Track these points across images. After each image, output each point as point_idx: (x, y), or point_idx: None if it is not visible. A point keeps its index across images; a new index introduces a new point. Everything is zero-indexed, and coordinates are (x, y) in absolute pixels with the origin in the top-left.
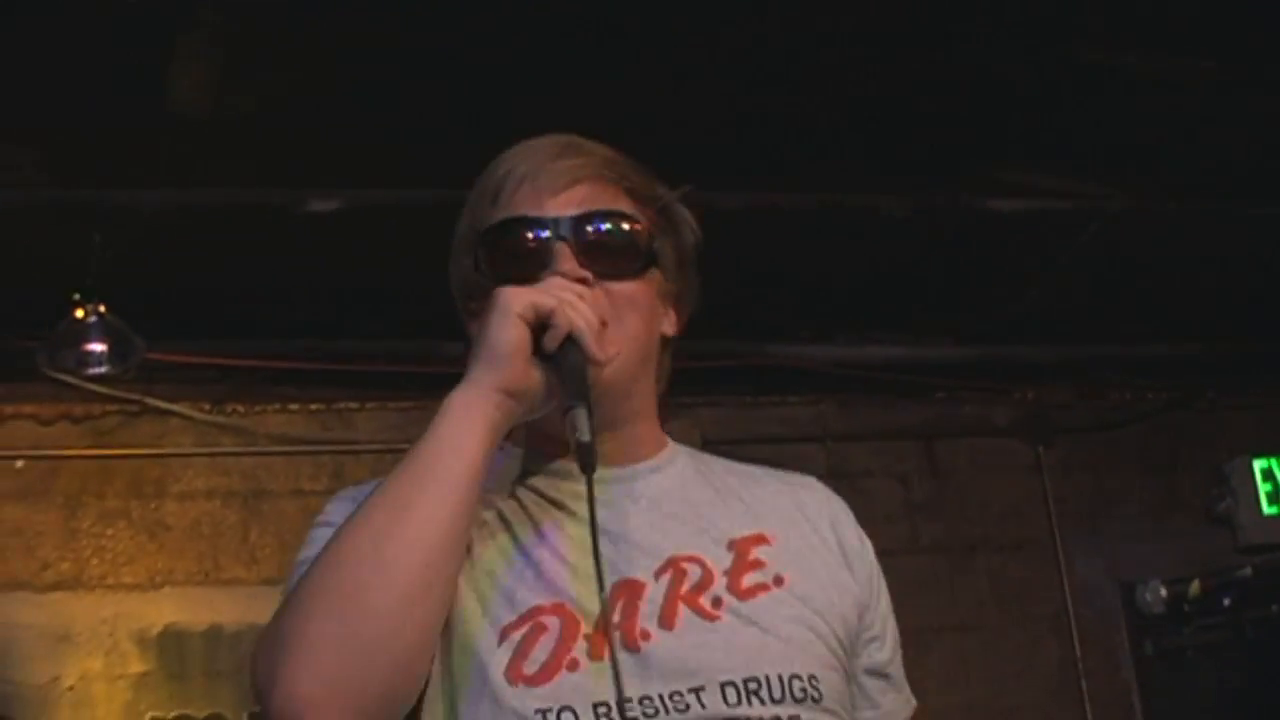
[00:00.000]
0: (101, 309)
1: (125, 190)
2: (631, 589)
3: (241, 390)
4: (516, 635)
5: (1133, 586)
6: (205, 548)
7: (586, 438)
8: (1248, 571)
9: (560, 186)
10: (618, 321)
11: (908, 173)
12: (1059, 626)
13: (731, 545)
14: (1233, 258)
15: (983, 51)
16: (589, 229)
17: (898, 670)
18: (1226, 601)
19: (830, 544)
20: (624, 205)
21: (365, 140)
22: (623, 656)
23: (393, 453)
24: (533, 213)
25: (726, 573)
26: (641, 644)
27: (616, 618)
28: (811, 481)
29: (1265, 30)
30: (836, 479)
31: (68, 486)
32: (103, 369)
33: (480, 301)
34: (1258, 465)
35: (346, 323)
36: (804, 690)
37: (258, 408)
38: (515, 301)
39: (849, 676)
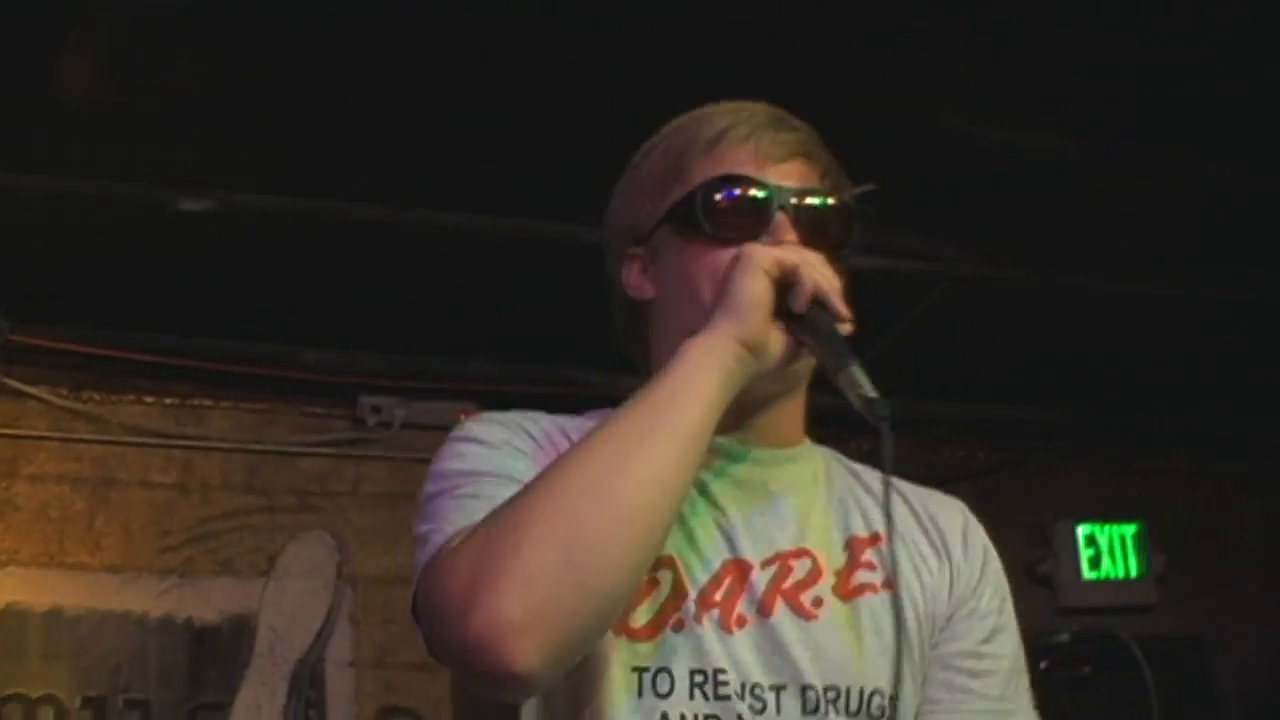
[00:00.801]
0: None
1: (0, 173)
2: (740, 569)
3: (100, 379)
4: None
5: None
6: (52, 530)
7: (874, 393)
8: (1065, 638)
9: (781, 156)
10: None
11: None
12: None
13: (848, 544)
14: (1078, 329)
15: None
16: (808, 203)
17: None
18: (1043, 665)
19: (943, 554)
20: (835, 186)
21: (244, 142)
22: (710, 634)
23: (241, 452)
24: (758, 175)
25: (837, 572)
26: (735, 629)
27: (719, 595)
28: (953, 502)
29: (1130, 112)
30: None
31: None
32: None
33: (648, 247)
34: (1080, 530)
35: (208, 321)
36: (881, 709)
37: (114, 397)
38: (762, 257)
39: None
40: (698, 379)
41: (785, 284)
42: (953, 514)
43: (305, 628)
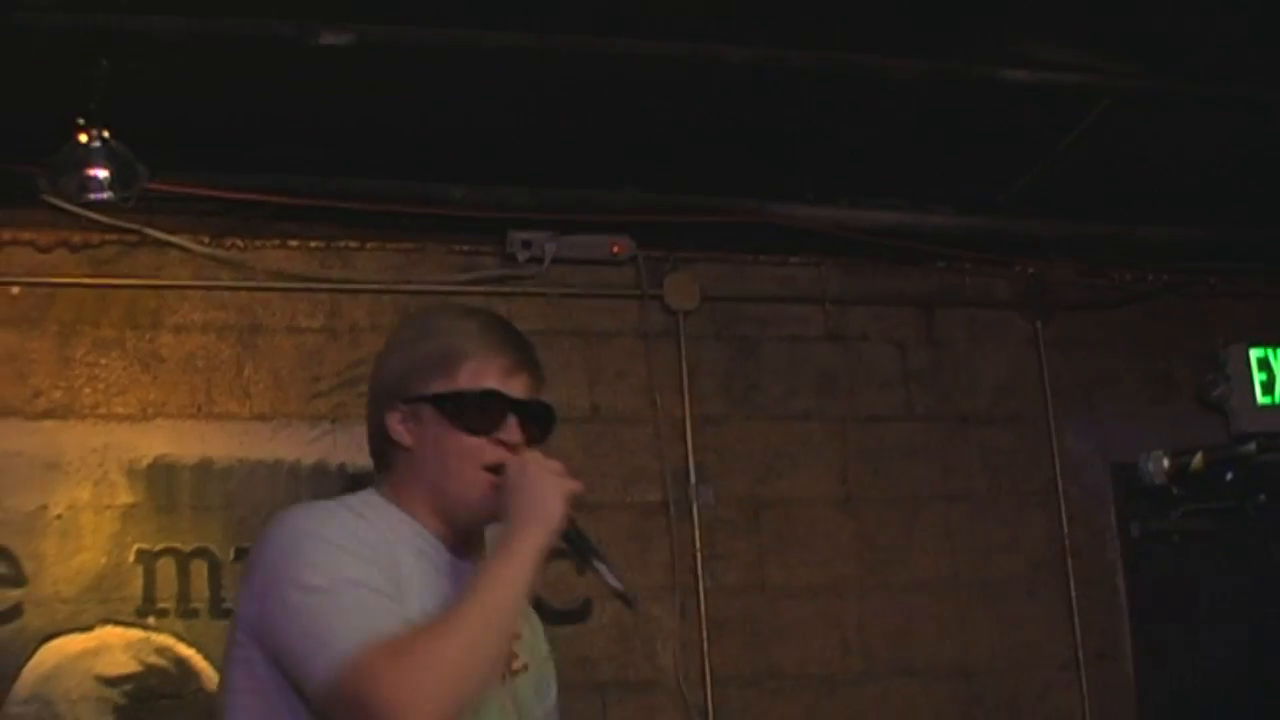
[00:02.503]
0: (105, 134)
1: (136, 16)
2: None
3: (241, 225)
4: None
5: (1123, 466)
6: (199, 381)
7: (622, 586)
8: (1252, 447)
9: (515, 371)
10: None
11: (920, 36)
12: (1047, 502)
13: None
14: (1241, 144)
15: None
16: (530, 411)
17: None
18: (1229, 476)
19: (535, 644)
20: (541, 393)
21: None
22: (501, 685)
23: (390, 293)
24: (501, 388)
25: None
26: (505, 679)
27: None
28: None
29: None
30: (834, 341)
31: (63, 314)
32: (104, 195)
33: (411, 408)
34: (1253, 354)
35: (351, 161)
36: None
37: (257, 243)
38: (568, 488)
39: None
40: (523, 574)
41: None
42: (535, 620)
43: None
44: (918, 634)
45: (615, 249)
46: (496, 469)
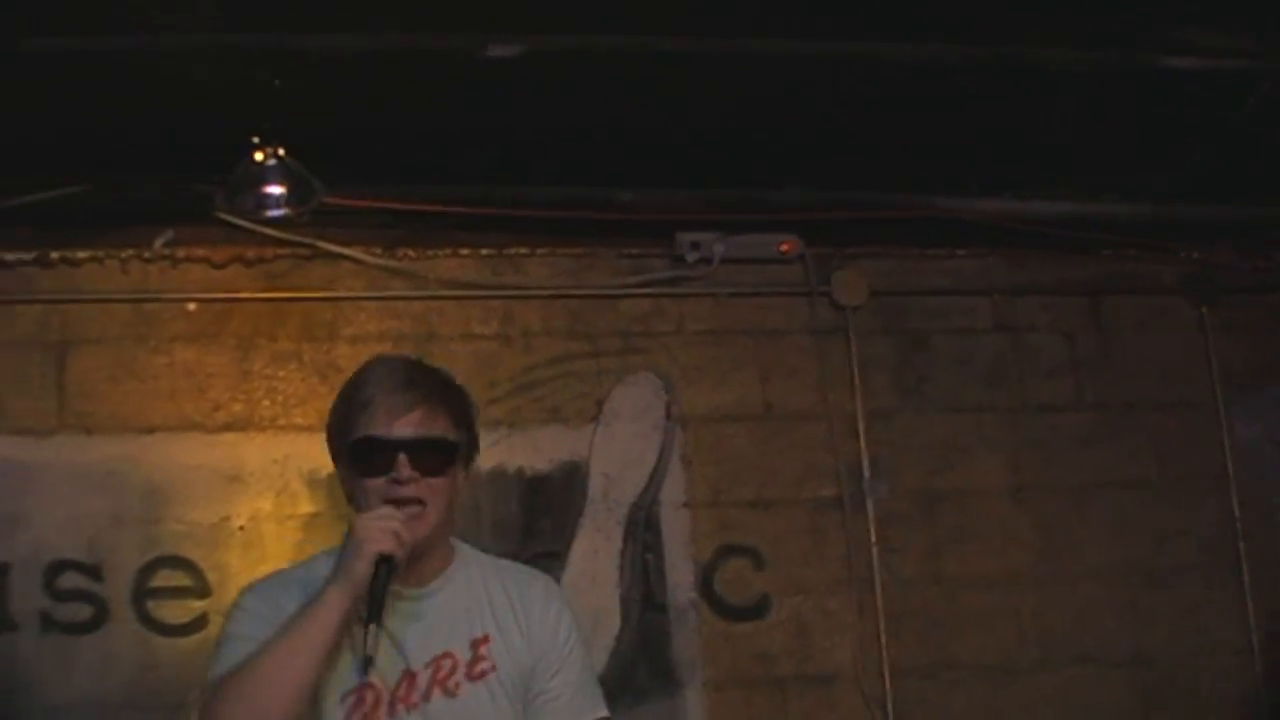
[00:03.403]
0: (280, 152)
1: (307, 34)
2: (410, 676)
3: (414, 235)
4: (351, 699)
5: None
6: None
7: (372, 653)
8: None
9: (405, 410)
10: (433, 500)
11: (1082, 26)
12: (1218, 487)
13: (472, 644)
14: None
15: None
16: (417, 445)
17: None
18: None
19: (521, 625)
20: (442, 424)
21: None
22: (408, 715)
23: (562, 298)
24: (382, 434)
25: (468, 663)
26: (412, 710)
27: (402, 692)
28: (522, 572)
29: None
30: (1002, 332)
31: (240, 329)
32: (281, 212)
33: (344, 463)
34: None
35: (520, 169)
36: None
37: (429, 252)
38: (370, 545)
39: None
40: (330, 621)
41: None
42: (532, 589)
43: (637, 471)
44: (1093, 622)
45: (783, 247)
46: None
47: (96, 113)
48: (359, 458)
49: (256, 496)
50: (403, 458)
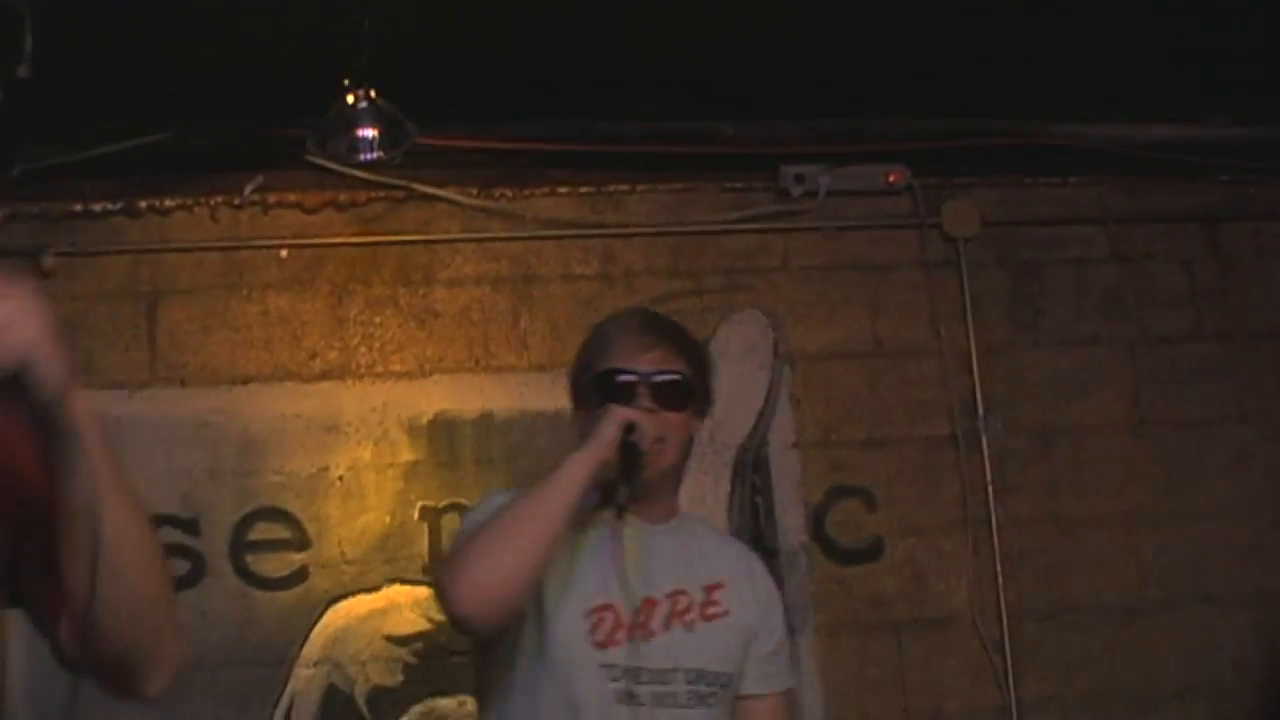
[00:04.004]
0: (372, 94)
1: None
2: (650, 604)
3: (510, 174)
4: (594, 617)
5: None
6: (475, 334)
7: (623, 503)
8: None
9: (646, 348)
10: (670, 436)
11: None
12: None
13: (706, 587)
14: None
15: None
16: (658, 380)
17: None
18: None
19: (750, 589)
20: (680, 365)
21: None
22: (640, 643)
23: (664, 235)
24: (623, 365)
25: (701, 604)
26: (650, 638)
27: (642, 618)
28: (744, 548)
29: None
30: (1117, 262)
31: (334, 275)
32: (374, 155)
33: (584, 399)
34: None
35: (617, 103)
36: (724, 680)
37: (526, 191)
38: (618, 415)
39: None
40: (568, 482)
41: (628, 430)
42: (753, 571)
43: (745, 411)
44: (1216, 561)
45: (891, 178)
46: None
47: (181, 58)
48: (600, 390)
49: (355, 446)
50: (643, 389)
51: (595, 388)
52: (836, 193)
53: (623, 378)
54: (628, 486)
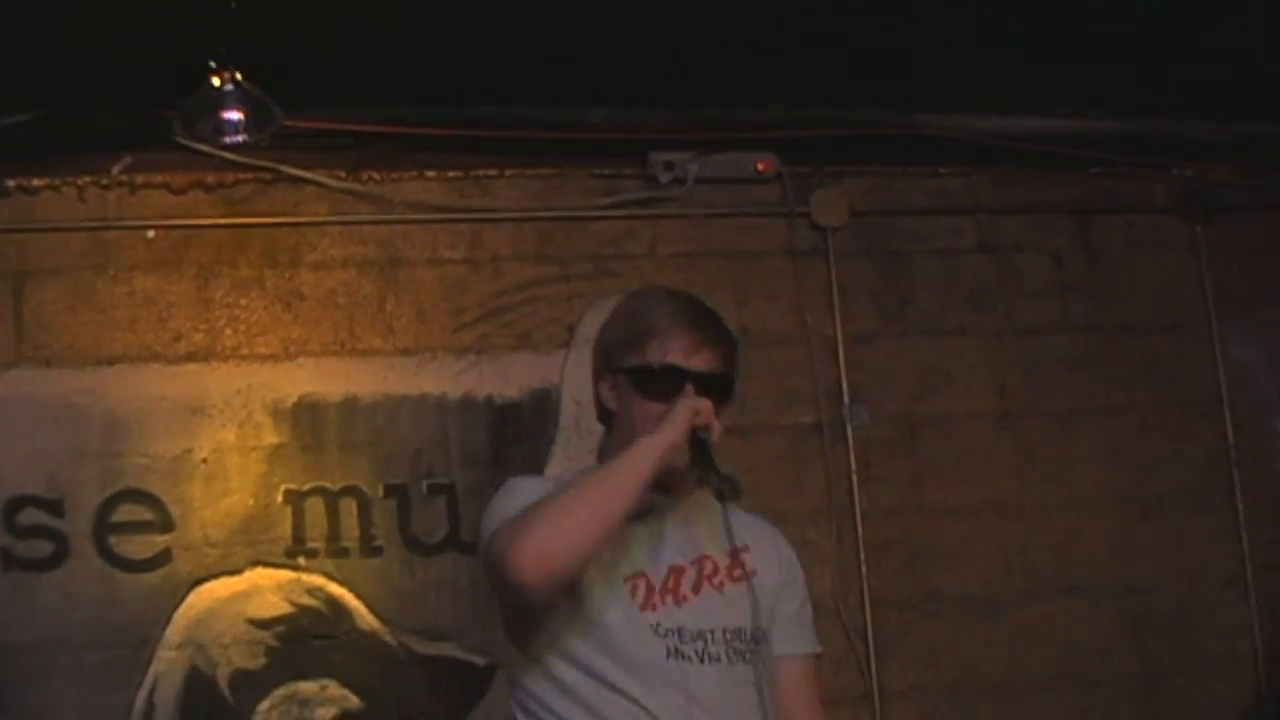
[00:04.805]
0: (238, 76)
1: None
2: (678, 571)
3: (378, 158)
4: (631, 583)
5: None
6: (341, 317)
7: (719, 485)
8: None
9: (697, 347)
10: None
11: None
12: (1212, 413)
13: (730, 552)
14: None
15: None
16: (707, 379)
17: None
18: None
19: (772, 557)
20: (725, 364)
21: None
22: (673, 607)
23: (532, 220)
24: (683, 363)
25: (726, 567)
26: (683, 602)
27: (671, 584)
28: (764, 522)
29: None
30: (987, 253)
31: (200, 256)
32: (240, 138)
33: (616, 378)
34: None
35: (486, 88)
36: (753, 635)
37: (394, 175)
38: (689, 405)
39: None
40: (646, 463)
41: (697, 421)
42: (774, 536)
43: None
44: (1082, 552)
45: (760, 166)
46: None
47: (50, 37)
48: (647, 381)
49: (219, 428)
50: (690, 388)
51: (639, 379)
52: (705, 180)
53: (676, 375)
54: (710, 472)
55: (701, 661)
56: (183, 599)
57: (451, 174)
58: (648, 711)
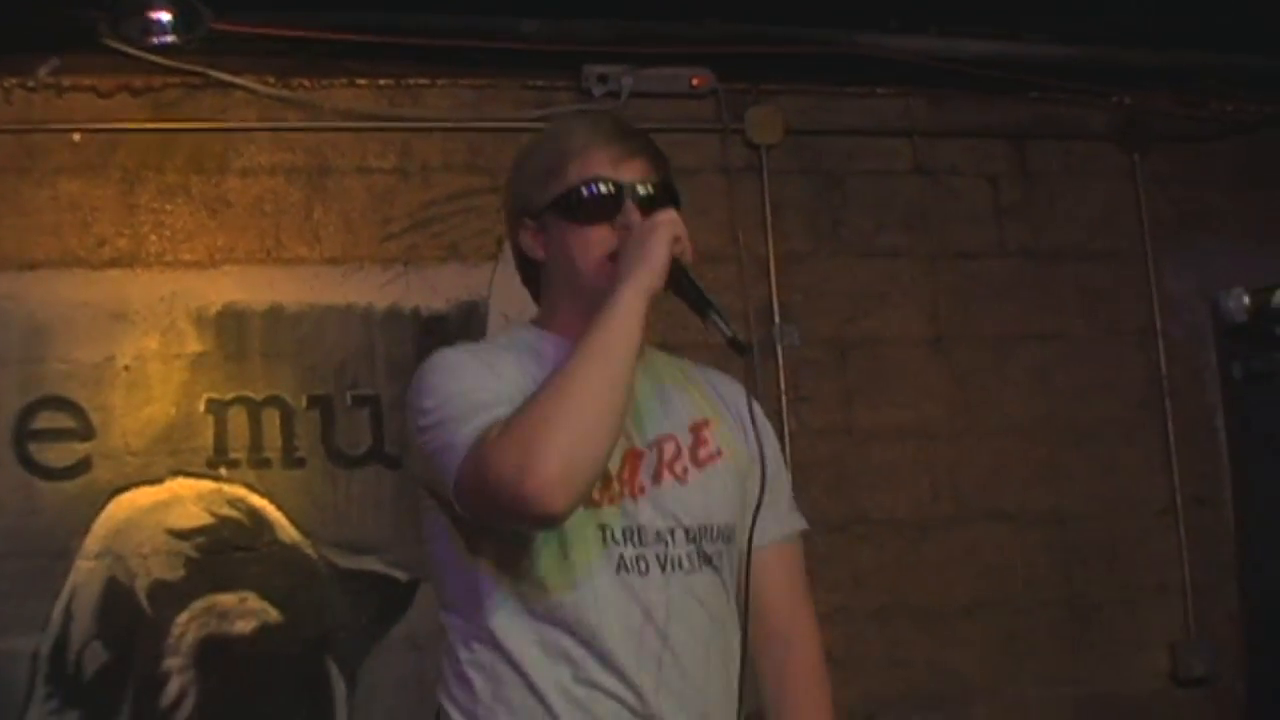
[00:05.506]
0: None
1: None
2: (635, 457)
3: (308, 63)
4: None
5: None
6: (267, 225)
7: (731, 333)
8: None
9: (627, 157)
10: None
11: None
12: (1145, 342)
13: (692, 427)
14: None
15: None
16: (646, 192)
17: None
18: None
19: (739, 422)
20: (662, 174)
21: None
22: (629, 502)
23: (462, 131)
24: (613, 174)
25: (690, 448)
26: (639, 495)
27: (626, 474)
28: (724, 376)
29: None
30: (923, 176)
31: (126, 160)
32: (168, 38)
33: (538, 221)
34: None
35: None
36: (730, 532)
37: (324, 82)
38: (667, 228)
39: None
40: (632, 319)
41: (675, 247)
42: (740, 393)
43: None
44: (1010, 478)
45: (695, 82)
46: None
47: None
48: (576, 206)
49: (142, 335)
50: (629, 203)
51: (567, 206)
52: (639, 94)
53: (610, 187)
54: (709, 310)
55: (663, 569)
56: (102, 508)
57: (382, 82)
58: (594, 632)
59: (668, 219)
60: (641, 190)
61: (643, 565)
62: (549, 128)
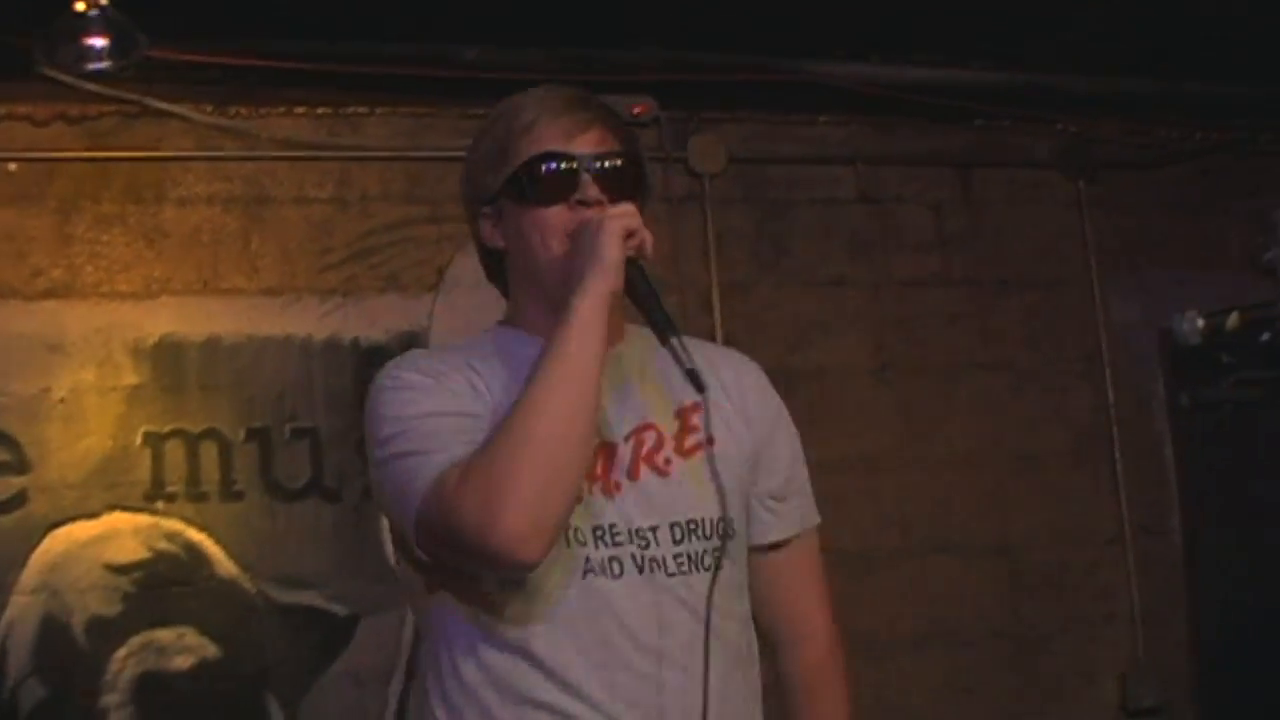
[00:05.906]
0: (102, 1)
1: None
2: (608, 451)
3: (246, 92)
4: None
5: (1172, 332)
6: (204, 256)
7: (689, 364)
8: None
9: (583, 128)
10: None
11: None
12: (1092, 370)
13: (678, 413)
14: None
15: None
16: (606, 165)
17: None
18: (1265, 337)
19: (737, 406)
20: (623, 146)
21: None
22: (600, 500)
23: (401, 160)
24: (566, 148)
25: (675, 436)
26: (614, 493)
27: (599, 470)
28: (731, 353)
29: None
30: (867, 204)
31: (62, 190)
32: (103, 65)
33: (494, 207)
34: None
35: (358, 23)
36: (726, 528)
37: (262, 110)
38: (617, 225)
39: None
40: (591, 335)
41: (630, 244)
42: (746, 373)
43: None
44: (958, 508)
45: (637, 110)
46: None
47: None
48: (528, 186)
49: (78, 367)
50: (586, 178)
51: (519, 186)
52: None
53: (564, 163)
54: (656, 311)
55: (640, 571)
56: (38, 543)
57: (320, 111)
58: (557, 664)
59: (617, 212)
60: (599, 164)
61: (615, 568)
62: (500, 104)
